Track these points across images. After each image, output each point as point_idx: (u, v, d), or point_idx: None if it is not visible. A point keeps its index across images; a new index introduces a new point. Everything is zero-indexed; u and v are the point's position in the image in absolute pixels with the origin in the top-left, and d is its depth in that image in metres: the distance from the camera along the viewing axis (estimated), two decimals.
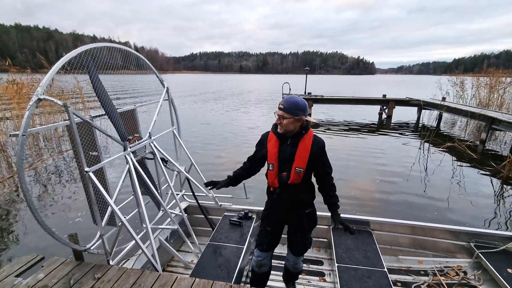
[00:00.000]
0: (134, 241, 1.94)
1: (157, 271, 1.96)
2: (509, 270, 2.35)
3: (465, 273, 2.67)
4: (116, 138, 2.05)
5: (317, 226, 2.13)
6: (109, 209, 2.08)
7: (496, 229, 3.89)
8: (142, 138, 2.42)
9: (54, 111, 9.36)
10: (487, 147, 8.36)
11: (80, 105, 10.32)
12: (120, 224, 1.98)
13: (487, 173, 6.22)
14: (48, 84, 1.54)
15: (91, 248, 2.00)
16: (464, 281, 2.57)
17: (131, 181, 2.34)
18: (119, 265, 2.14)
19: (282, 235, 2.13)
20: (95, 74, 1.90)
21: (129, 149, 2.12)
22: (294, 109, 1.73)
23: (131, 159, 2.12)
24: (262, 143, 1.94)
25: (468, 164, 6.87)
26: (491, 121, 8.10)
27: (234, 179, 2.16)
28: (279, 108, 1.76)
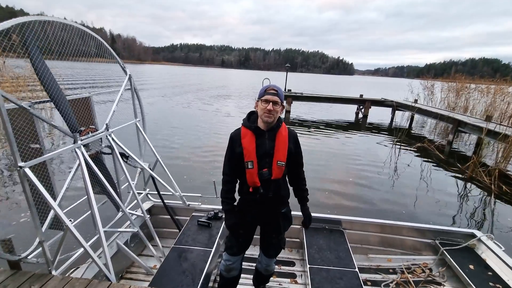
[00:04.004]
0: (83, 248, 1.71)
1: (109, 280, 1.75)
2: (471, 266, 2.43)
3: (430, 270, 2.73)
4: (63, 129, 1.78)
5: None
6: (52, 211, 1.82)
7: (460, 227, 4.07)
8: (97, 130, 2.15)
9: None
10: (453, 148, 8.84)
11: (41, 93, 9.31)
12: (65, 227, 1.73)
13: (453, 173, 6.55)
14: None
15: (29, 257, 1.73)
16: (430, 278, 2.63)
17: (83, 178, 2.08)
18: (66, 275, 1.89)
19: (254, 236, 1.99)
20: (38, 53, 1.63)
21: (79, 142, 1.86)
22: (283, 95, 1.67)
23: (82, 153, 1.86)
24: (234, 142, 1.73)
25: (436, 164, 7.19)
26: (457, 123, 8.57)
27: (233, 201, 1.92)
28: (273, 94, 1.61)
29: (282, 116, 1.74)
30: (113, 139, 2.25)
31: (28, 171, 1.49)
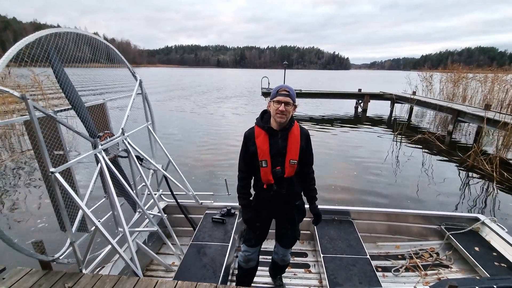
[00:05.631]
0: (109, 247, 1.81)
1: (137, 276, 1.84)
2: (476, 248, 2.54)
3: (437, 254, 2.85)
4: (85, 135, 1.87)
5: None
6: (79, 213, 1.91)
7: (464, 212, 4.18)
8: (113, 135, 2.24)
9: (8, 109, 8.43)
10: (454, 138, 8.94)
11: (42, 102, 9.39)
12: (93, 229, 1.82)
13: (455, 162, 6.65)
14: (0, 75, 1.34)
15: (60, 257, 1.82)
16: (437, 262, 2.75)
17: (102, 182, 2.17)
18: (94, 273, 1.99)
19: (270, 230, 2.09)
20: (59, 63, 1.71)
21: (100, 147, 1.95)
22: (295, 96, 1.73)
23: (103, 157, 1.95)
24: (248, 141, 1.82)
25: (437, 155, 7.29)
26: (457, 113, 8.66)
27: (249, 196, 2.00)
28: (285, 95, 1.67)
29: None
30: (129, 142, 2.34)
31: (58, 176, 1.58)
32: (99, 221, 1.77)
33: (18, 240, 1.59)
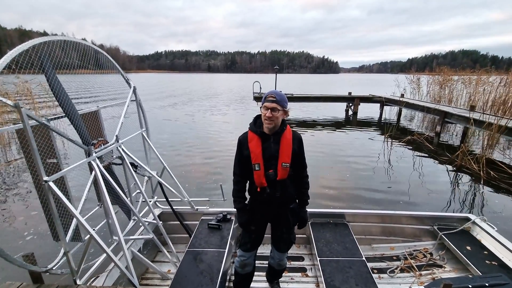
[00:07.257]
0: (103, 256, 1.77)
1: (133, 285, 1.81)
2: (468, 247, 2.60)
3: (431, 254, 2.90)
4: (78, 142, 1.84)
5: None
6: (73, 223, 1.87)
7: (455, 212, 4.29)
8: (108, 142, 2.22)
9: None
10: (442, 139, 9.18)
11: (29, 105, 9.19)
12: (87, 237, 1.78)
13: (443, 163, 6.82)
14: None
15: (54, 268, 1.78)
16: (431, 262, 2.80)
17: (96, 189, 2.14)
18: (88, 284, 1.94)
19: (265, 235, 2.09)
20: (52, 71, 1.69)
21: (94, 155, 1.92)
22: (283, 101, 1.75)
23: (98, 165, 1.93)
24: (242, 145, 1.85)
25: (426, 155, 7.47)
26: (444, 115, 8.90)
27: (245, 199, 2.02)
28: (271, 101, 1.70)
29: None
30: (123, 149, 2.32)
31: (52, 184, 1.55)
32: (93, 229, 1.74)
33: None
